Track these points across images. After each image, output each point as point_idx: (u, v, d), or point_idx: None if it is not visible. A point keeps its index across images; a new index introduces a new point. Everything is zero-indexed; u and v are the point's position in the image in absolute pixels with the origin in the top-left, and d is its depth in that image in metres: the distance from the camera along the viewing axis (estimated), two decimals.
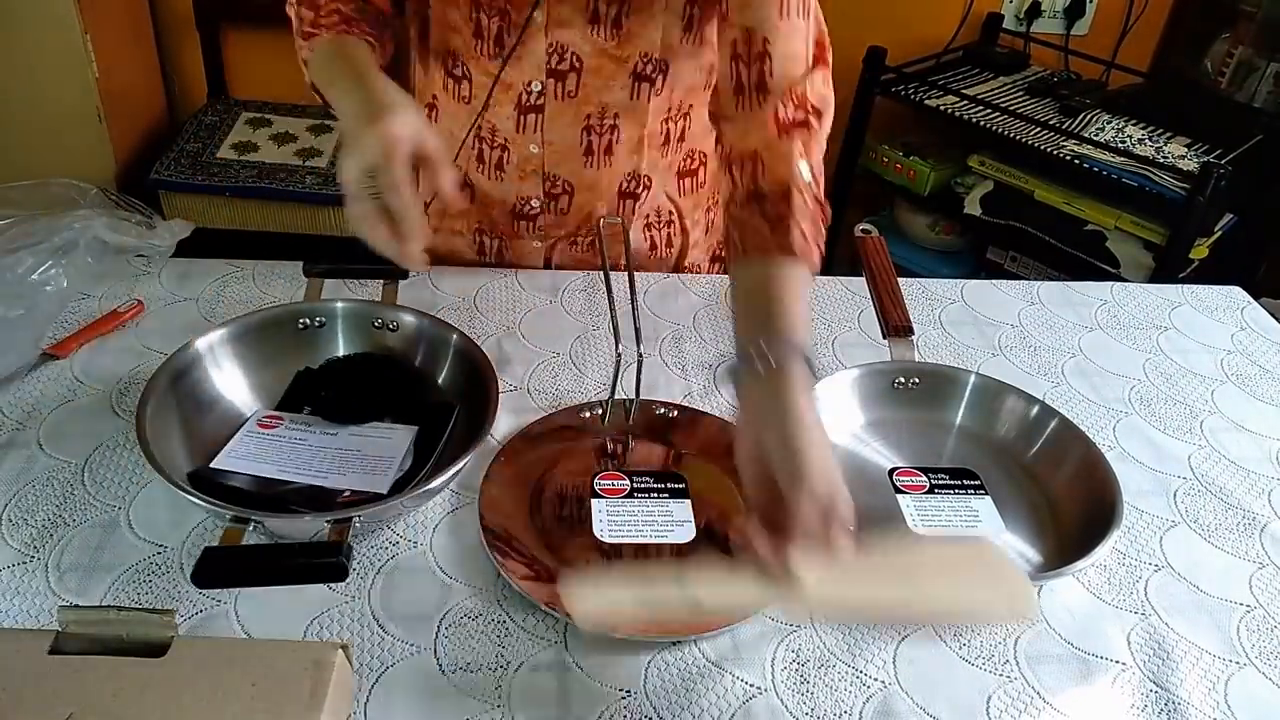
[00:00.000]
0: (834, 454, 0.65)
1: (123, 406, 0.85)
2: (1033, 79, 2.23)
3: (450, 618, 0.70)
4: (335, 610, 0.69)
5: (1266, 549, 0.82)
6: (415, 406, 0.85)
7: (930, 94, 2.12)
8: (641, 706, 0.65)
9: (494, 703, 0.64)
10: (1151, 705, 0.68)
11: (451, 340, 0.87)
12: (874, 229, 1.03)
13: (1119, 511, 0.77)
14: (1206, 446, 0.94)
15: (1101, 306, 1.15)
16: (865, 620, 0.72)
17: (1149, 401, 0.99)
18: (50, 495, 0.76)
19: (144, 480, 0.78)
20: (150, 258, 1.03)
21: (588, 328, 1.01)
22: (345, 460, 0.78)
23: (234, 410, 0.83)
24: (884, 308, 0.96)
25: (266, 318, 0.87)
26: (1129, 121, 2.05)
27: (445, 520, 0.77)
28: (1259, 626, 0.75)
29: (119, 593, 0.69)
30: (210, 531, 0.74)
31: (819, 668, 0.69)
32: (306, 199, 1.91)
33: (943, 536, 0.80)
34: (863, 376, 0.91)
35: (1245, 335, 1.12)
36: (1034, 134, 1.99)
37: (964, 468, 0.86)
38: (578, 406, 0.89)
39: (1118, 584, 0.78)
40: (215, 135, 2.03)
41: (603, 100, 0.97)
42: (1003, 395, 0.91)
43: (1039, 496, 0.84)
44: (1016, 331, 1.08)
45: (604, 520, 0.78)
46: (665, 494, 0.81)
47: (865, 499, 0.82)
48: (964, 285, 1.16)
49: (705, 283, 1.11)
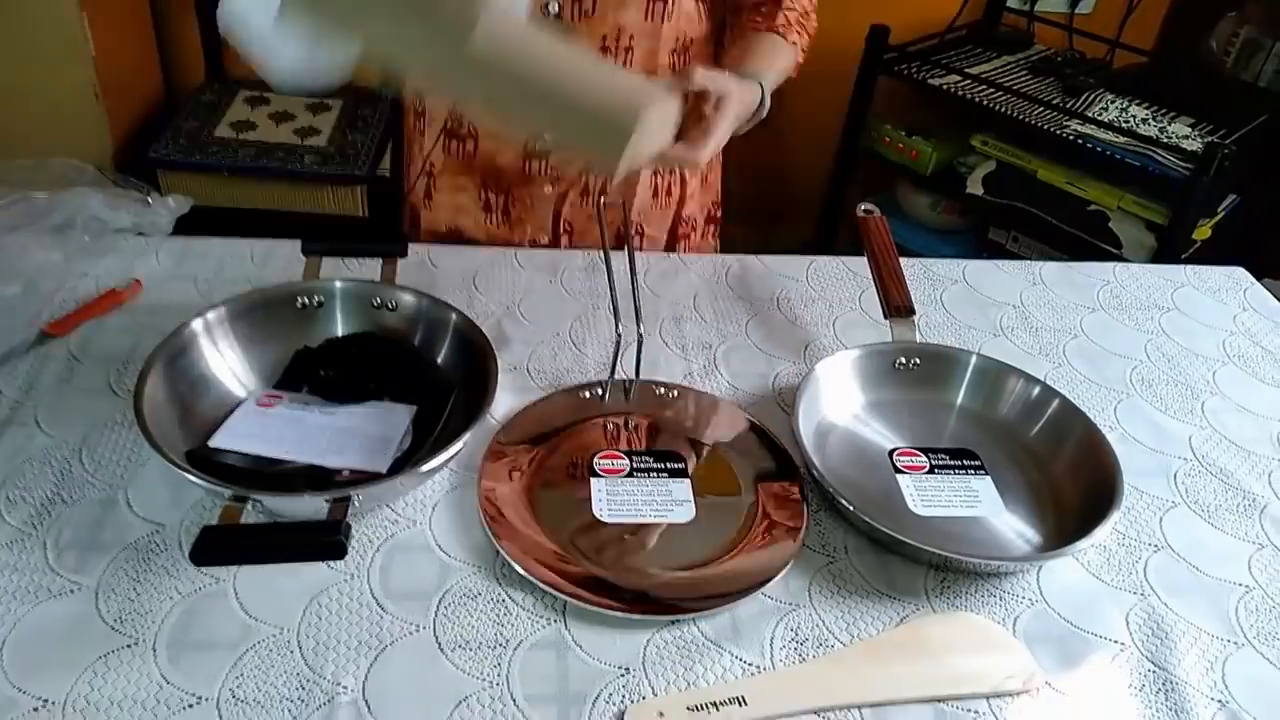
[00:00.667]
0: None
1: (121, 385, 0.85)
2: (1036, 58, 2.21)
3: (449, 597, 0.70)
4: (334, 589, 0.69)
5: (1266, 530, 0.82)
6: (414, 386, 0.84)
7: (933, 73, 2.11)
8: (640, 685, 0.65)
9: (493, 681, 0.64)
10: (1150, 685, 0.68)
11: (451, 320, 0.87)
12: (876, 209, 1.02)
13: (1119, 492, 0.77)
14: (1207, 427, 0.93)
15: (1103, 287, 1.14)
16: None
17: (1150, 382, 0.99)
18: (48, 473, 0.76)
19: (142, 459, 0.77)
20: (149, 236, 1.02)
21: (587, 308, 1.01)
22: (344, 439, 0.78)
23: (232, 389, 0.82)
24: (885, 288, 0.95)
25: (265, 297, 0.87)
26: (1133, 101, 2.03)
27: (444, 499, 0.77)
28: (1258, 607, 0.75)
29: (117, 570, 0.69)
30: (209, 510, 0.74)
31: (818, 646, 0.69)
32: (305, 178, 1.90)
33: (941, 516, 0.79)
34: (864, 357, 0.91)
35: (1248, 316, 1.12)
36: (1037, 113, 1.97)
37: (964, 448, 0.86)
38: (577, 386, 0.89)
39: (1117, 564, 0.78)
40: (213, 114, 2.02)
41: (619, 20, 0.98)
42: (1004, 376, 0.91)
43: (1039, 477, 0.84)
44: (1018, 312, 1.08)
45: (603, 500, 0.78)
46: (665, 474, 0.80)
47: (865, 479, 0.82)
48: (966, 265, 1.15)
49: (706, 263, 1.10)
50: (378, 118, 2.06)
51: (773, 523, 0.77)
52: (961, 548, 0.76)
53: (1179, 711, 0.67)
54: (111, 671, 0.62)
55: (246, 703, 0.61)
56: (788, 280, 1.09)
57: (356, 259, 0.99)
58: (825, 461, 0.82)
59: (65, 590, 0.67)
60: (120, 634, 0.65)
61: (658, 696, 0.64)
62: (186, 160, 1.88)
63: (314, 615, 0.67)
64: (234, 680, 0.63)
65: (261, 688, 0.62)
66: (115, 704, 0.61)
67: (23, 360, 0.86)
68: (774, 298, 1.06)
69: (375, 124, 2.05)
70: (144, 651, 0.64)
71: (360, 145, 1.97)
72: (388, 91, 1.92)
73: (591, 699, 0.64)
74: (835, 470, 0.82)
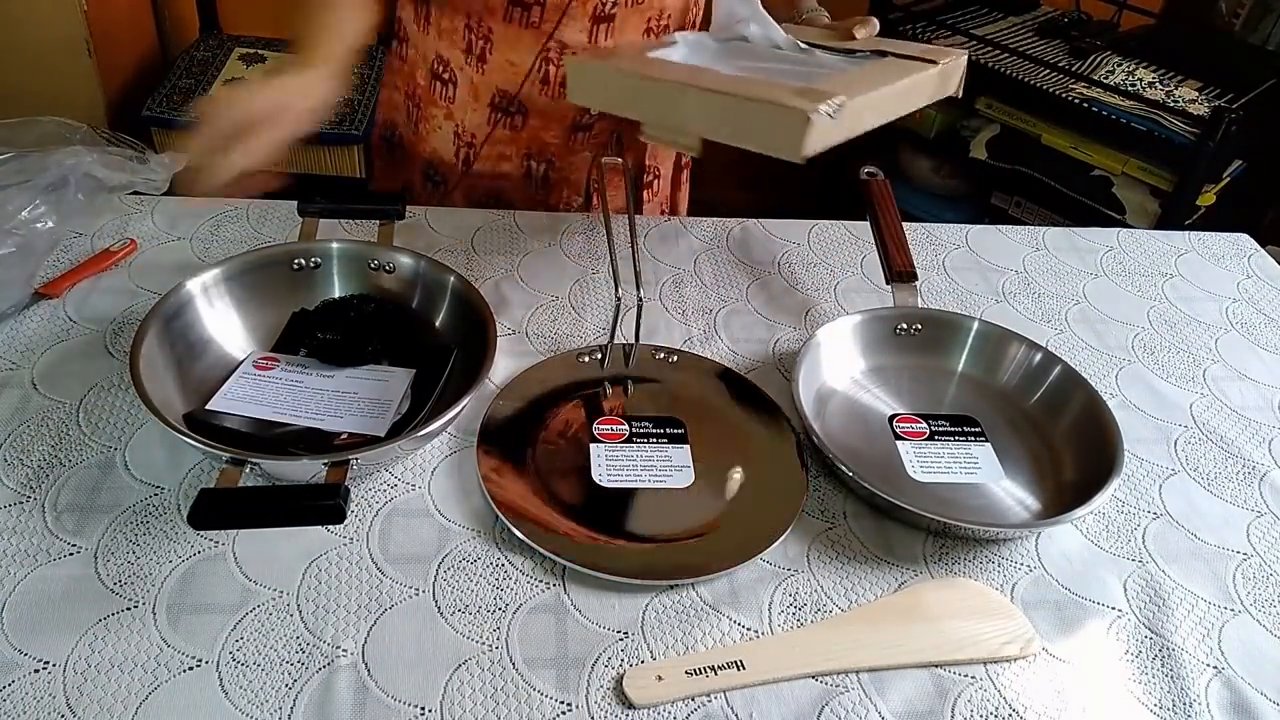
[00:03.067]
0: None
1: (117, 347, 0.84)
2: (1042, 19, 2.18)
3: (449, 560, 0.70)
4: (333, 553, 0.69)
5: (1265, 498, 0.82)
6: (413, 349, 0.84)
7: (938, 34, 2.08)
8: (639, 649, 0.65)
9: (492, 645, 0.64)
10: (1146, 651, 0.69)
11: (449, 282, 0.86)
12: (879, 171, 1.01)
13: (1119, 460, 0.77)
14: (1208, 395, 0.93)
15: (1106, 253, 1.13)
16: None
17: (1152, 349, 0.98)
18: (45, 436, 0.75)
19: (139, 421, 0.77)
20: (144, 195, 1.01)
21: (587, 271, 1.00)
22: (343, 402, 0.78)
23: (229, 351, 0.82)
24: (888, 252, 0.95)
25: (261, 258, 0.86)
26: (1140, 64, 2.01)
27: (444, 463, 0.77)
28: (1255, 574, 0.75)
29: (116, 533, 0.68)
30: (207, 473, 0.73)
31: (815, 611, 0.69)
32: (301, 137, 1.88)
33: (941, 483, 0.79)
34: (865, 322, 0.90)
35: (1251, 283, 1.11)
36: (1043, 76, 1.95)
37: (965, 415, 0.86)
38: (577, 351, 0.88)
39: (1115, 531, 0.78)
40: (208, 71, 1.99)
41: (663, 3, 1.00)
42: (1006, 342, 0.90)
43: (1040, 444, 0.84)
44: (1020, 278, 1.07)
45: (602, 465, 0.77)
46: (664, 439, 0.80)
47: (864, 444, 0.82)
48: (968, 230, 1.14)
49: (708, 225, 1.09)
50: (374, 77, 2.04)
51: (771, 489, 0.77)
52: (960, 514, 0.76)
53: (1175, 678, 0.67)
54: (111, 634, 0.63)
55: (246, 665, 0.62)
56: (789, 244, 1.08)
57: (353, 220, 0.98)
58: (825, 427, 0.82)
59: (64, 553, 0.67)
60: (120, 596, 0.65)
61: (656, 660, 0.65)
62: (181, 118, 1.86)
63: (313, 579, 0.67)
64: (234, 643, 0.63)
65: (261, 651, 0.63)
66: (115, 666, 0.61)
67: (17, 321, 0.86)
68: (775, 262, 1.05)
69: (372, 83, 2.02)
70: (144, 614, 0.64)
71: (357, 105, 1.95)
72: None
73: (590, 663, 0.64)
74: (835, 436, 0.82)
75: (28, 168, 0.93)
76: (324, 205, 0.91)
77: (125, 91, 1.93)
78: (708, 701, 0.63)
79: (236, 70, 2.00)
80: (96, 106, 1.84)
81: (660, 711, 0.62)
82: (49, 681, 0.60)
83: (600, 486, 0.76)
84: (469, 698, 0.61)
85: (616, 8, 0.98)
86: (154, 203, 1.02)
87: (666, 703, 0.62)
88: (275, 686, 0.61)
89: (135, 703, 0.59)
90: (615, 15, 0.98)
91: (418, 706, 0.61)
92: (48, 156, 0.94)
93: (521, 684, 0.62)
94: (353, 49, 0.83)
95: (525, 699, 0.62)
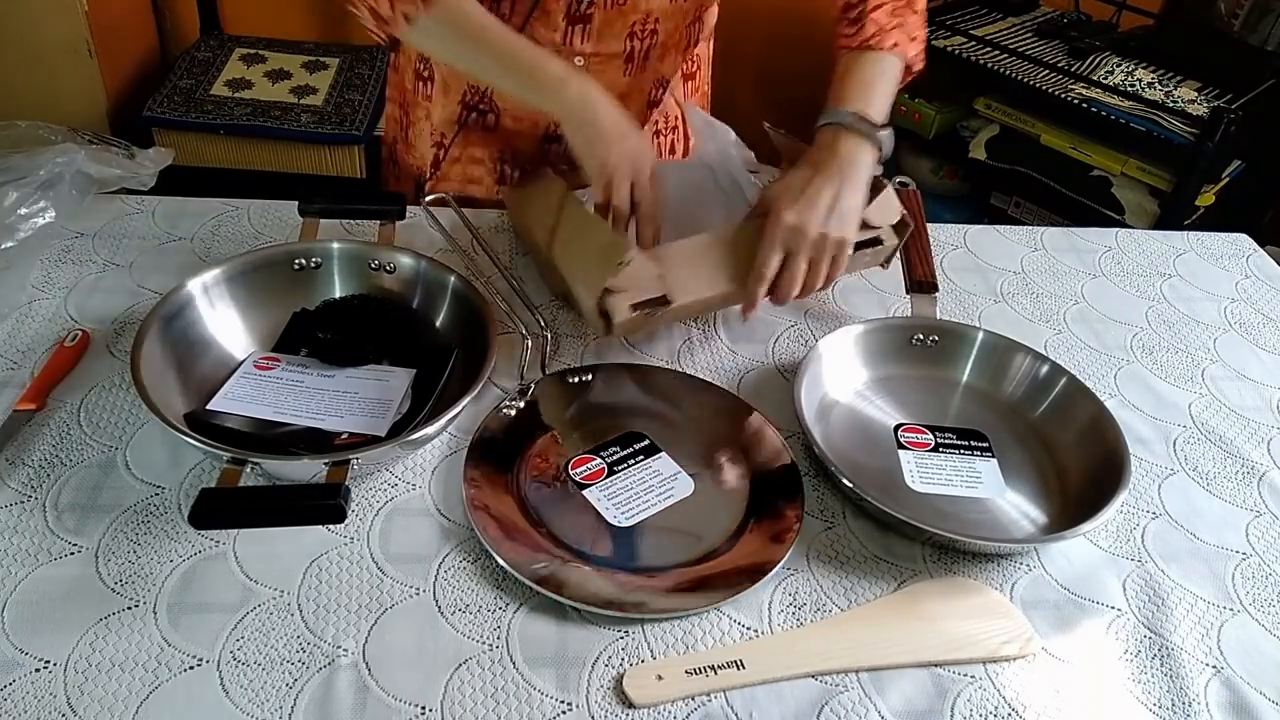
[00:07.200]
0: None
1: (118, 347, 0.84)
2: (1042, 20, 2.18)
3: (449, 560, 0.70)
4: (334, 552, 0.69)
5: (1264, 497, 0.82)
6: (413, 349, 0.84)
7: (937, 34, 2.08)
8: (639, 648, 0.65)
9: (492, 644, 0.65)
10: (1145, 651, 0.69)
11: (449, 282, 0.86)
12: (910, 181, 1.01)
13: (1126, 474, 0.76)
14: (1207, 395, 0.93)
15: (1105, 253, 1.13)
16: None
17: (1151, 349, 0.98)
18: (47, 435, 0.75)
19: (140, 421, 0.77)
20: (143, 195, 1.01)
21: None
22: (343, 402, 0.78)
23: (229, 351, 0.82)
24: (911, 262, 0.95)
25: (261, 258, 0.86)
26: (1139, 64, 2.01)
27: (444, 463, 0.77)
28: (1254, 574, 0.76)
29: (117, 533, 0.69)
30: (208, 473, 0.73)
31: (815, 611, 0.69)
32: (302, 137, 1.88)
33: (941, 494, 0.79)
34: (877, 330, 0.90)
35: (1250, 283, 1.11)
36: (1042, 77, 1.95)
37: (973, 428, 0.85)
38: (498, 405, 0.82)
39: (1115, 531, 0.78)
40: (209, 72, 1.99)
41: (649, 6, 0.96)
42: (1011, 353, 0.89)
43: (1045, 456, 0.83)
44: (1019, 278, 1.07)
45: (605, 505, 0.75)
46: (641, 455, 0.79)
47: (866, 453, 0.82)
48: (967, 230, 1.14)
49: None
50: (375, 77, 2.04)
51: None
52: (961, 526, 0.76)
53: (1174, 677, 0.67)
54: (112, 633, 0.63)
55: (247, 665, 0.62)
56: None
57: (354, 220, 0.98)
58: (826, 434, 0.82)
59: (65, 552, 0.67)
60: (121, 596, 0.65)
61: (656, 660, 0.65)
62: (182, 119, 1.85)
63: (314, 578, 0.67)
64: (234, 643, 0.63)
65: (262, 650, 0.63)
66: (116, 665, 0.61)
67: (18, 321, 0.86)
68: None
69: (373, 83, 2.02)
70: (144, 614, 0.64)
71: (358, 105, 1.95)
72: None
73: (590, 662, 0.64)
74: (835, 444, 0.81)
75: (20, 165, 0.93)
76: (324, 205, 0.91)
77: (126, 92, 1.93)
78: (708, 701, 0.63)
79: (237, 71, 2.00)
80: (97, 107, 1.84)
81: (660, 711, 0.62)
82: (50, 681, 0.60)
83: (620, 528, 0.73)
84: (469, 697, 0.62)
85: (593, 9, 0.94)
86: (154, 203, 1.02)
87: (666, 702, 0.62)
88: (276, 686, 0.61)
89: (136, 702, 0.59)
90: (592, 16, 0.94)
91: (418, 706, 0.61)
92: (39, 154, 0.94)
93: (522, 683, 0.63)
94: None
95: (525, 698, 0.62)
